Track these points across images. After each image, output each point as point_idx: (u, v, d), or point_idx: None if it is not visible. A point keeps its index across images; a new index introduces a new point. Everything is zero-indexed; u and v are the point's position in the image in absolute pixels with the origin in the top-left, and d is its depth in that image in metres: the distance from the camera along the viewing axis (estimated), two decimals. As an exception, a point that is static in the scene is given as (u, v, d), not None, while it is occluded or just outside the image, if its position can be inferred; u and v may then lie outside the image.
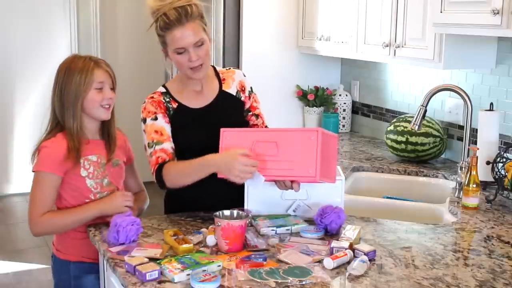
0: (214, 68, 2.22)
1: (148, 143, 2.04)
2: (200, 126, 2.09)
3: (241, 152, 1.82)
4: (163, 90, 2.12)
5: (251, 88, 2.24)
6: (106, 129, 2.09)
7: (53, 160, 1.97)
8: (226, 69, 2.25)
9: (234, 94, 2.19)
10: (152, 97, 2.10)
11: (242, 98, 2.21)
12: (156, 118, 2.06)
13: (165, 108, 2.08)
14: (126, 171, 2.18)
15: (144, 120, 2.07)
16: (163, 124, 2.06)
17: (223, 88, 2.17)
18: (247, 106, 2.22)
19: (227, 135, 1.93)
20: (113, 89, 2.05)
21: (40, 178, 1.99)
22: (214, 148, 1.93)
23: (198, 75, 2.04)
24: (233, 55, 3.67)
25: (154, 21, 1.99)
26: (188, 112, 2.11)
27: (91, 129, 2.06)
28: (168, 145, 2.04)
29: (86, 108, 2.01)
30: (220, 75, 2.20)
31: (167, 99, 2.09)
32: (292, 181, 1.91)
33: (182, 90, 2.13)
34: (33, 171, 2.01)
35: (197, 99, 2.13)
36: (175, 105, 2.10)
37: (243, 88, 2.21)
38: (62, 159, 1.97)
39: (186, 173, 1.96)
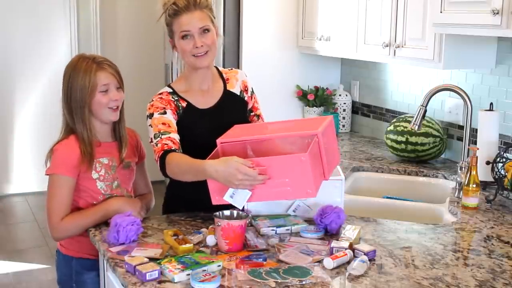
0: (217, 68, 2.24)
1: (155, 134, 2.01)
2: (207, 127, 2.10)
3: (241, 161, 1.74)
4: (170, 90, 2.12)
5: (252, 88, 2.27)
6: (117, 130, 2.09)
7: (67, 163, 1.97)
8: (229, 69, 2.27)
9: (238, 93, 2.22)
10: (161, 97, 2.09)
11: (245, 98, 2.24)
12: (165, 113, 2.05)
13: (175, 107, 2.08)
14: (137, 170, 2.18)
15: (151, 115, 2.04)
16: (171, 119, 2.05)
17: (228, 88, 2.20)
18: (249, 106, 2.25)
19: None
20: (120, 87, 2.04)
21: (56, 182, 1.98)
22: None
23: (202, 62, 2.05)
24: (233, 55, 3.67)
25: (164, 11, 2.05)
26: (197, 112, 2.12)
27: (102, 132, 2.06)
28: (175, 136, 2.02)
29: (94, 111, 2.00)
30: (224, 75, 2.22)
31: (176, 98, 2.10)
32: None
33: (189, 89, 2.14)
34: (47, 174, 2.00)
35: (204, 98, 2.14)
36: (184, 104, 2.10)
37: (246, 88, 2.24)
38: (75, 161, 1.97)
39: (184, 171, 1.92)
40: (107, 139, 2.08)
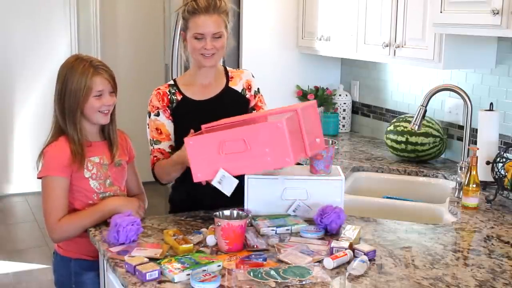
0: (225, 68, 2.29)
1: (150, 140, 2.19)
2: (202, 118, 2.11)
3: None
4: (172, 82, 2.23)
5: (258, 89, 2.31)
6: (107, 130, 2.09)
7: (58, 164, 1.97)
8: (236, 69, 2.32)
9: (240, 91, 2.25)
10: (159, 89, 2.21)
11: (247, 96, 2.26)
12: (158, 114, 2.18)
13: (168, 101, 2.18)
14: (127, 170, 2.18)
15: (149, 114, 2.20)
16: (164, 121, 2.17)
17: (230, 85, 2.24)
18: (251, 104, 2.27)
19: (189, 141, 1.87)
20: (113, 92, 2.04)
21: (49, 183, 1.98)
22: None
23: (208, 62, 2.14)
24: (233, 54, 3.67)
25: (184, 4, 2.12)
26: (191, 103, 2.19)
27: (91, 132, 2.06)
28: (166, 145, 2.18)
29: (85, 113, 2.01)
30: (229, 73, 2.28)
31: (173, 91, 2.20)
32: None
33: (191, 83, 2.22)
34: (39, 177, 2.00)
35: (203, 92, 2.21)
36: (179, 97, 2.19)
37: (249, 87, 2.27)
38: (67, 162, 1.97)
39: (165, 171, 2.13)
40: (96, 138, 2.08)
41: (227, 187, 1.84)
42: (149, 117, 2.19)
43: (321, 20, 3.48)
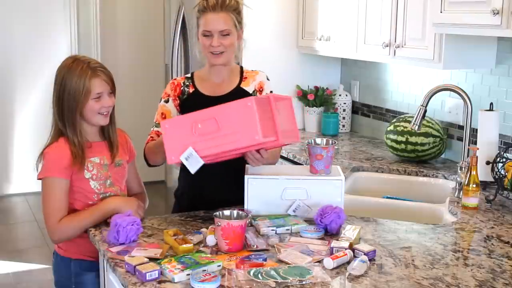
0: (242, 68, 2.32)
1: (154, 123, 2.25)
2: None
3: None
4: (189, 75, 2.30)
5: (270, 92, 2.30)
6: (106, 130, 2.09)
7: (58, 165, 1.97)
8: (252, 70, 2.35)
9: (251, 92, 2.27)
10: (175, 79, 2.30)
11: None
12: (167, 101, 2.26)
13: (180, 92, 2.25)
14: (128, 169, 2.18)
15: (160, 100, 2.28)
16: (171, 108, 2.25)
17: (242, 85, 2.27)
18: None
19: (165, 123, 1.92)
20: (112, 93, 2.04)
21: (49, 185, 1.97)
22: None
23: (217, 60, 2.18)
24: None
25: (197, 4, 2.19)
26: (201, 97, 2.23)
27: (91, 132, 2.06)
28: None
29: (85, 115, 2.00)
30: (244, 74, 2.31)
31: (187, 83, 2.26)
32: (258, 150, 1.94)
33: (205, 79, 2.27)
34: (39, 178, 2.00)
35: (214, 89, 2.25)
36: (191, 90, 2.25)
37: (261, 89, 2.29)
38: (67, 163, 1.97)
39: (153, 150, 2.16)
40: (96, 139, 2.08)
41: (193, 166, 1.87)
42: (160, 102, 2.26)
43: (321, 20, 3.48)
